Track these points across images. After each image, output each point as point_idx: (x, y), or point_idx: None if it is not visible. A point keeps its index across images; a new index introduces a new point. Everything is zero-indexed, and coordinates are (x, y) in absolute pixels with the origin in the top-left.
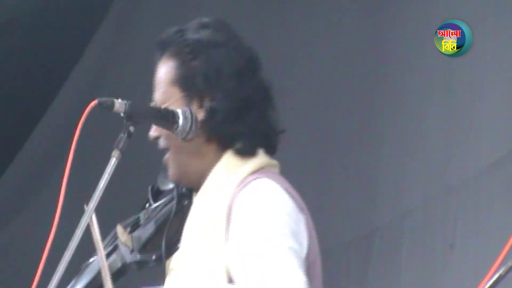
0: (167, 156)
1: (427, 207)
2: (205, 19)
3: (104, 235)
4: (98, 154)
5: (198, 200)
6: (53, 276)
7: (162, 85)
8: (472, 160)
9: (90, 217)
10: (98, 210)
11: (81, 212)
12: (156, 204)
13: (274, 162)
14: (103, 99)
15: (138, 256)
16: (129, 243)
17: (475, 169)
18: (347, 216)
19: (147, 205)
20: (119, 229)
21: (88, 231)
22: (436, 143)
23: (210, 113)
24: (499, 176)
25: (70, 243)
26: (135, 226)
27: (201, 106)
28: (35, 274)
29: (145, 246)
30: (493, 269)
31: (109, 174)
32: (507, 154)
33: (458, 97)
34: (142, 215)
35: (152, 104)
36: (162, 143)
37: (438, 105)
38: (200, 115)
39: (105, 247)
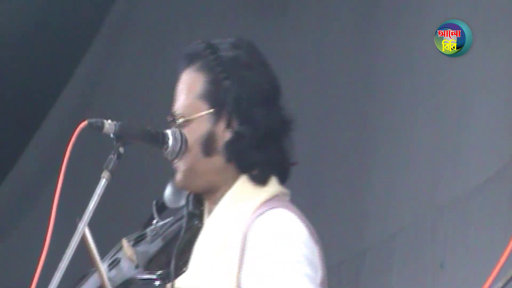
0: (178, 162)
1: (417, 226)
2: (235, 39)
3: (100, 252)
4: (88, 174)
5: (212, 221)
6: None
7: (189, 97)
8: (462, 179)
9: (80, 237)
10: (92, 228)
11: (72, 231)
12: (165, 221)
13: (286, 190)
14: (93, 119)
15: (143, 272)
16: (134, 258)
17: (464, 188)
18: (338, 237)
19: (155, 221)
20: (125, 243)
21: (80, 248)
22: (426, 163)
23: (237, 136)
24: (488, 196)
25: (60, 264)
26: (140, 241)
27: (228, 127)
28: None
29: (151, 263)
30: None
31: (98, 195)
32: (496, 174)
33: (448, 117)
34: (149, 231)
35: (174, 112)
36: None
37: (427, 125)
38: (226, 136)
39: (105, 261)
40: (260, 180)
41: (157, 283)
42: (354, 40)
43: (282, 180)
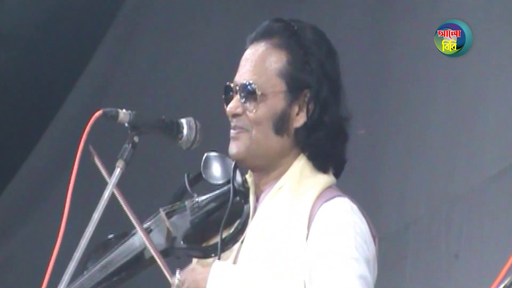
0: (241, 133)
1: (432, 217)
2: (311, 24)
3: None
4: (103, 163)
5: (272, 199)
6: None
7: (267, 71)
8: (477, 170)
9: (94, 228)
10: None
11: (86, 222)
12: (206, 196)
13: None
14: (108, 109)
15: (182, 244)
16: (172, 229)
17: (480, 179)
18: None
19: (195, 195)
20: (163, 214)
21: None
22: (441, 153)
23: (313, 123)
24: (504, 186)
25: (75, 254)
26: (178, 213)
27: (301, 111)
28: (41, 285)
29: (189, 235)
30: (497, 281)
31: (113, 184)
32: (511, 165)
33: (463, 106)
34: (188, 204)
35: (245, 82)
36: (241, 122)
37: (442, 114)
38: (300, 119)
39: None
40: (323, 169)
41: (202, 256)
42: (372, 29)
43: (337, 174)
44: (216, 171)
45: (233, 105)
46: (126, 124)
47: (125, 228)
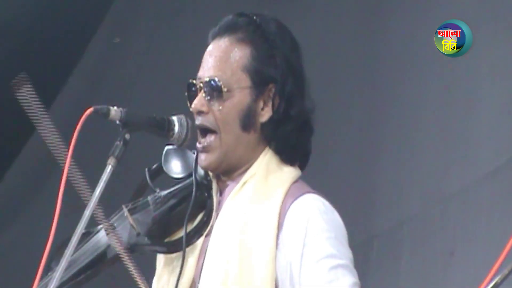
0: (209, 143)
1: (426, 215)
2: (274, 17)
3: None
4: (94, 161)
5: (238, 195)
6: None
7: (231, 66)
8: (471, 167)
9: (85, 224)
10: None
11: (78, 219)
12: (169, 190)
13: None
14: (99, 106)
15: (146, 240)
16: (135, 226)
17: (474, 176)
18: (345, 224)
19: (157, 190)
20: (126, 210)
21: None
22: (435, 150)
23: (279, 117)
24: (498, 184)
25: (66, 251)
26: (141, 209)
27: (266, 106)
28: (33, 281)
29: (153, 231)
30: (489, 277)
31: (105, 182)
32: (506, 162)
33: (457, 104)
34: (151, 199)
35: (209, 78)
36: (207, 121)
37: (437, 111)
38: (266, 114)
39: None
40: (291, 162)
41: (167, 251)
42: (362, 27)
43: (302, 166)
44: (176, 164)
45: (198, 103)
46: (118, 122)
47: None
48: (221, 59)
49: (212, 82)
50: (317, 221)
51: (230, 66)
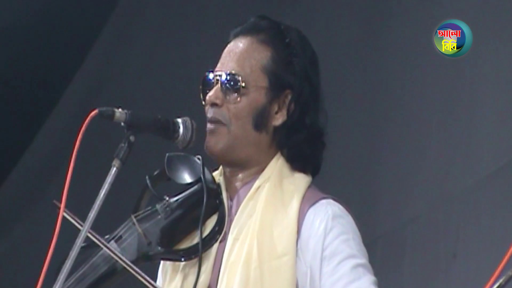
0: (219, 127)
1: (429, 216)
2: (296, 27)
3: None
4: (98, 163)
5: (252, 199)
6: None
7: (252, 64)
8: (474, 168)
9: (89, 227)
10: (102, 217)
11: (82, 221)
12: (177, 197)
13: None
14: (104, 108)
15: (159, 249)
16: (146, 235)
17: (476, 177)
18: None
19: (166, 197)
20: (134, 220)
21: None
22: (438, 152)
23: (292, 123)
24: (500, 185)
25: (71, 253)
26: (151, 218)
27: (280, 110)
28: (35, 285)
29: (165, 239)
30: (493, 279)
31: (109, 184)
32: (508, 163)
33: (458, 105)
34: (160, 208)
35: (228, 72)
36: (220, 114)
37: (439, 113)
38: (279, 118)
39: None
40: (302, 171)
41: (182, 258)
42: (362, 28)
43: (314, 174)
44: (182, 170)
45: (213, 94)
46: (122, 124)
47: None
48: (241, 55)
49: (230, 75)
50: (334, 226)
51: (250, 64)
